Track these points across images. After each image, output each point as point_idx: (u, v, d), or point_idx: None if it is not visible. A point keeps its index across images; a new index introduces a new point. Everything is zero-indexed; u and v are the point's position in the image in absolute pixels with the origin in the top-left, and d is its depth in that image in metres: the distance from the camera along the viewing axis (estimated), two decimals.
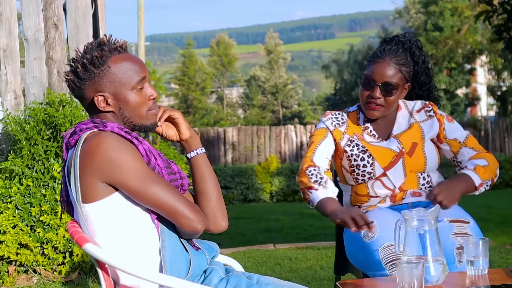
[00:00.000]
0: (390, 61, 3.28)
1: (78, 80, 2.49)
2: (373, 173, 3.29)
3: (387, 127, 3.40)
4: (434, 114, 3.39)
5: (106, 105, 2.50)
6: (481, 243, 2.71)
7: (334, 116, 3.44)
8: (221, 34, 54.03)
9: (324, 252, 6.56)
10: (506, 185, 18.16)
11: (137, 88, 2.51)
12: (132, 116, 2.53)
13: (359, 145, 3.34)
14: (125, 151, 2.38)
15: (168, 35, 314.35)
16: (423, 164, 3.31)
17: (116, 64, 2.49)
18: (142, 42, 21.71)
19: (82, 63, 2.46)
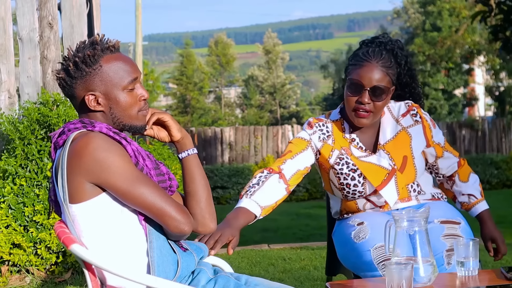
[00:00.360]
0: (377, 64, 3.11)
1: (69, 78, 2.47)
2: (365, 192, 3.21)
3: (373, 136, 3.27)
4: (421, 119, 3.26)
5: (97, 104, 2.49)
6: (471, 244, 2.70)
7: (319, 129, 3.26)
8: (219, 34, 54.03)
9: (318, 252, 6.55)
10: (502, 185, 18.17)
11: (128, 88, 2.50)
12: (122, 116, 2.52)
13: (349, 163, 3.20)
14: (113, 152, 2.37)
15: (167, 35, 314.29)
16: (414, 176, 3.25)
17: (108, 64, 2.47)
18: (139, 41, 21.69)
19: (74, 62, 2.44)
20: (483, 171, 17.91)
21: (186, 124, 42.27)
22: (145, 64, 37.80)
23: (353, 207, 3.30)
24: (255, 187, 3.07)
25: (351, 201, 3.28)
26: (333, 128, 3.27)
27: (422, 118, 3.26)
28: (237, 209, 3.00)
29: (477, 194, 3.32)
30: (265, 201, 3.05)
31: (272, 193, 3.09)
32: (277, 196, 3.11)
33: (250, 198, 3.03)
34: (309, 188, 16.54)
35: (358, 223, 3.18)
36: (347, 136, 3.25)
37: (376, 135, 3.27)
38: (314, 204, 14.53)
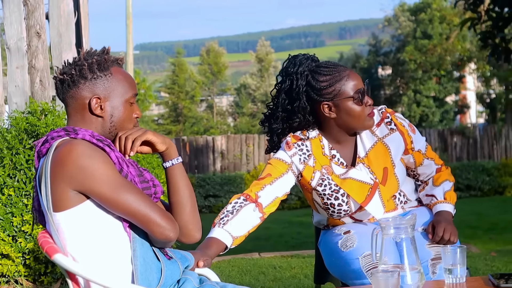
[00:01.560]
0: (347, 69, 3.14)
1: (79, 78, 2.49)
2: (350, 210, 3.16)
3: (352, 149, 3.20)
4: (396, 126, 3.17)
5: (100, 109, 2.52)
6: (459, 251, 2.68)
7: (299, 149, 3.16)
8: (211, 43, 54.02)
9: (309, 260, 6.53)
10: (494, 192, 18.20)
11: (129, 102, 2.56)
12: (119, 127, 2.55)
13: (331, 183, 3.14)
14: (97, 159, 2.36)
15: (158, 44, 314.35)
16: (397, 186, 3.19)
17: (116, 74, 2.54)
18: (130, 50, 21.65)
19: (90, 63, 2.49)
20: (475, 178, 17.94)
21: (178, 132, 42.24)
22: (136, 73, 37.80)
23: (339, 224, 3.28)
24: (228, 215, 3.03)
25: (336, 219, 3.24)
26: (312, 146, 3.18)
27: (397, 125, 3.18)
28: (209, 239, 2.98)
29: (439, 196, 3.21)
30: (237, 231, 3.02)
31: (246, 222, 3.05)
32: (250, 225, 3.07)
33: (222, 228, 3.00)
34: (301, 196, 16.52)
35: (345, 232, 3.16)
36: (327, 153, 3.18)
37: (355, 148, 3.20)
38: (306, 212, 14.50)
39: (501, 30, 9.81)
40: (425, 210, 3.25)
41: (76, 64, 2.51)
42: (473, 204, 14.74)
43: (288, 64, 3.18)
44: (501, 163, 18.75)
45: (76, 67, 2.50)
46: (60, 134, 2.47)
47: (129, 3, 20.56)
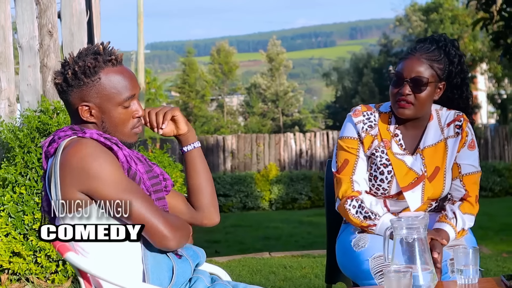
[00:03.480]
0: (420, 56, 3.08)
1: (66, 85, 2.44)
2: (389, 191, 3.14)
3: (416, 138, 3.19)
4: (462, 132, 3.15)
5: (90, 115, 2.47)
6: (471, 252, 2.67)
7: (366, 118, 3.18)
8: (221, 42, 54.07)
9: (319, 260, 6.52)
10: (506, 193, 18.14)
11: (123, 105, 2.48)
12: (113, 131, 2.50)
13: (383, 157, 3.14)
14: (103, 159, 2.35)
15: (169, 43, 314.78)
16: (441, 192, 3.16)
17: (107, 77, 2.44)
18: (141, 50, 21.70)
19: (73, 70, 2.41)
20: (486, 179, 17.88)
21: None
22: (147, 73, 37.85)
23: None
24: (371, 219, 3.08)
25: (370, 196, 3.19)
26: (380, 118, 3.20)
27: (463, 132, 3.16)
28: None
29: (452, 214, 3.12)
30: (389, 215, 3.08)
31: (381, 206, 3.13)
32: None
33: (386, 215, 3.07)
34: (311, 196, 16.52)
35: (359, 231, 3.15)
36: (391, 130, 3.18)
37: (420, 138, 3.20)
38: (316, 212, 14.50)
39: None
40: None
41: (64, 70, 2.45)
42: (484, 205, 14.63)
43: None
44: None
45: (63, 73, 2.45)
46: (67, 133, 2.46)
47: (140, 2, 20.60)
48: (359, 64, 48.78)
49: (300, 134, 20.61)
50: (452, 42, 3.17)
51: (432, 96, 3.11)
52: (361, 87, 46.24)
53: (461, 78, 3.17)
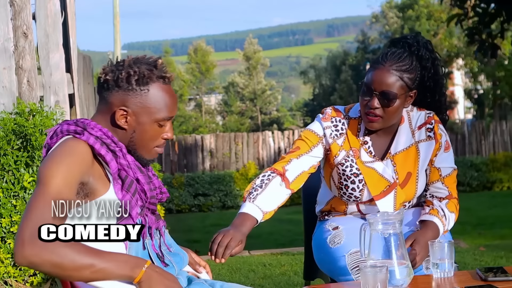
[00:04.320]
0: (390, 67, 2.96)
1: (114, 84, 2.43)
2: (360, 198, 3.14)
3: (386, 143, 3.14)
4: (435, 135, 3.10)
5: (124, 122, 2.45)
6: (446, 246, 2.70)
7: (333, 124, 3.13)
8: (198, 42, 53.95)
9: (298, 257, 6.55)
10: (483, 188, 18.29)
11: (159, 122, 2.47)
12: (138, 144, 2.48)
13: (353, 166, 3.10)
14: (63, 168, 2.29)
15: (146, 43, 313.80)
16: (413, 196, 3.16)
17: (155, 91, 2.44)
18: (118, 50, 21.62)
19: (127, 72, 2.41)
20: (464, 174, 18.00)
21: None
22: None
23: (342, 209, 3.25)
24: (258, 190, 3.01)
25: (343, 203, 3.22)
26: (349, 126, 3.15)
27: (436, 135, 3.11)
28: (241, 214, 2.95)
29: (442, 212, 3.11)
30: (267, 206, 3.00)
31: (275, 198, 3.04)
32: (278, 201, 3.06)
33: (253, 203, 2.97)
34: None
35: (334, 228, 3.17)
36: (361, 138, 3.14)
37: (390, 142, 3.15)
38: (296, 210, 14.48)
39: (488, 26, 9.86)
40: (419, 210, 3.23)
41: (117, 69, 2.44)
42: (462, 199, 14.67)
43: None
44: (489, 159, 18.85)
45: (115, 72, 2.43)
46: (70, 128, 2.42)
47: (116, 2, 20.54)
48: (337, 61, 48.90)
49: (278, 132, 20.63)
50: (426, 45, 3.09)
51: (402, 106, 3.03)
52: (339, 85, 46.35)
53: (434, 81, 3.11)
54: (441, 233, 3.06)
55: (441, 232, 3.06)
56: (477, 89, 39.63)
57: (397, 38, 3.15)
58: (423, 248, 2.90)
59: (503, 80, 32.51)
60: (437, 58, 3.10)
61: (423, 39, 3.12)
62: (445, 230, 3.09)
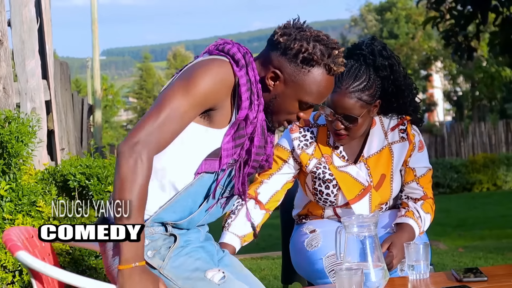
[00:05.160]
0: (347, 90, 2.92)
1: (285, 46, 2.42)
2: (336, 203, 3.14)
3: (358, 146, 3.14)
4: (408, 136, 3.10)
5: (272, 83, 2.45)
6: (422, 247, 2.71)
7: (302, 135, 3.13)
8: (177, 47, 53.97)
9: (278, 262, 6.55)
10: (462, 189, 18.38)
11: (301, 103, 2.46)
12: (273, 110, 2.49)
13: (326, 172, 3.10)
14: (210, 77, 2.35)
15: (125, 49, 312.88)
16: (388, 197, 3.16)
17: (314, 75, 2.43)
18: (97, 56, 21.55)
19: (300, 46, 2.39)
20: (443, 176, 18.10)
21: None
22: (104, 79, 37.58)
23: (318, 213, 3.26)
24: (231, 217, 3.05)
25: (319, 207, 3.23)
26: (318, 133, 3.14)
27: (409, 136, 3.11)
28: (221, 244, 3.00)
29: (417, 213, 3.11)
30: (242, 231, 3.02)
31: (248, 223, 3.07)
32: (255, 222, 3.10)
33: (228, 231, 3.02)
34: None
35: (311, 231, 3.17)
36: (331, 143, 3.13)
37: (362, 146, 3.15)
38: (277, 214, 14.49)
39: (464, 28, 9.92)
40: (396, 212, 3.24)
41: (295, 37, 2.41)
42: (442, 201, 14.87)
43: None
44: (469, 160, 18.95)
45: (291, 40, 2.41)
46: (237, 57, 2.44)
47: (94, 8, 20.47)
48: None
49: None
50: (381, 52, 3.02)
51: (367, 119, 3.02)
52: None
53: (395, 86, 3.06)
54: (417, 235, 3.07)
55: (416, 234, 3.07)
56: (456, 91, 39.88)
57: (353, 48, 3.08)
58: (400, 251, 2.91)
59: (482, 82, 32.77)
60: (394, 64, 3.04)
61: (378, 45, 3.04)
62: (421, 231, 3.10)
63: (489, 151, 21.95)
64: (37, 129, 5.41)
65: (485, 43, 24.21)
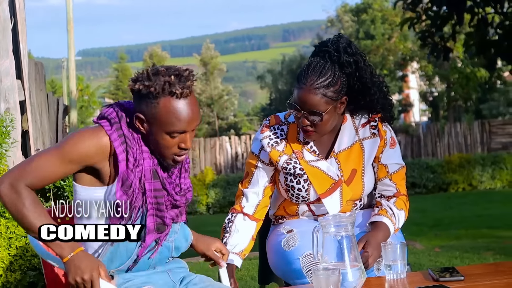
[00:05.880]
0: (311, 86, 2.94)
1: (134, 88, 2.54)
2: (308, 198, 3.14)
3: (329, 142, 3.15)
4: (379, 132, 3.12)
5: (141, 126, 2.56)
6: (399, 247, 2.71)
7: (272, 133, 3.16)
8: (153, 47, 53.82)
9: (255, 262, 6.52)
10: (439, 189, 18.48)
11: (170, 135, 2.53)
12: (156, 150, 2.59)
13: (296, 167, 3.11)
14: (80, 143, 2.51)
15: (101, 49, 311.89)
16: (361, 193, 3.15)
17: (165, 105, 2.50)
18: (72, 56, 21.38)
19: (143, 85, 2.51)
20: (420, 176, 18.19)
21: None
22: (79, 80, 37.41)
23: (293, 211, 3.25)
24: (226, 236, 3.19)
25: (293, 204, 3.23)
26: (289, 130, 3.17)
27: (380, 132, 3.13)
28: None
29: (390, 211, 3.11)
30: (239, 247, 3.16)
31: (243, 234, 3.20)
32: (249, 234, 3.22)
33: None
34: None
35: (288, 231, 3.16)
36: (301, 139, 3.16)
37: (333, 141, 3.16)
38: None
39: (440, 29, 9.98)
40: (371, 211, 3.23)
41: (139, 80, 2.54)
42: (418, 201, 14.96)
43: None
44: (445, 160, 19.05)
45: (138, 83, 2.53)
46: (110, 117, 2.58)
47: (69, 8, 20.32)
48: (293, 65, 49.06)
49: (235, 137, 20.64)
50: (346, 49, 3.03)
51: (333, 115, 3.03)
52: None
53: (361, 83, 3.06)
54: (391, 232, 3.07)
55: (391, 231, 3.07)
56: (432, 92, 40.08)
57: (319, 46, 3.10)
58: (375, 249, 2.91)
59: (457, 82, 32.96)
60: (359, 61, 3.05)
61: (344, 42, 3.06)
62: (395, 228, 3.10)
63: (465, 151, 22.11)
64: (11, 129, 5.36)
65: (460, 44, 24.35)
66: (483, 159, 18.98)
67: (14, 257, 4.97)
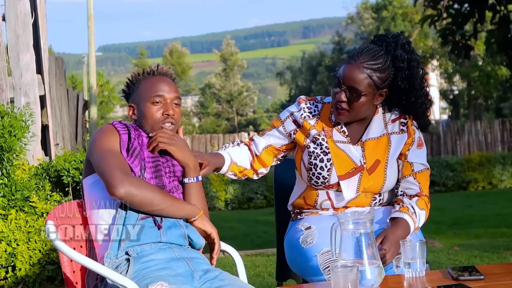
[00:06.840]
0: (361, 64, 3.01)
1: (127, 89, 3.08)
2: (328, 180, 3.14)
3: (359, 130, 3.19)
4: (408, 130, 3.16)
5: (132, 114, 3.02)
6: (418, 245, 2.69)
7: (307, 106, 3.25)
8: (173, 43, 53.91)
9: (273, 258, 6.52)
10: (458, 187, 18.36)
11: (150, 100, 2.96)
12: (143, 123, 2.97)
13: (323, 145, 3.16)
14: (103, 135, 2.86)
15: (122, 45, 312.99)
16: (381, 185, 3.15)
17: (145, 83, 3.01)
18: (92, 52, 21.44)
19: (128, 80, 3.07)
20: (439, 174, 18.08)
21: None
22: (100, 75, 37.52)
23: (313, 198, 3.23)
24: (228, 147, 3.37)
25: (313, 190, 3.22)
26: (323, 109, 3.25)
27: (409, 129, 3.16)
28: (213, 153, 3.29)
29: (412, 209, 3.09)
30: (235, 158, 3.31)
31: (242, 157, 3.35)
32: (244, 162, 3.36)
33: (224, 150, 3.32)
34: (267, 195, 16.53)
35: (306, 228, 3.15)
36: (333, 119, 3.20)
37: (363, 130, 3.20)
38: (272, 211, 14.45)
39: (461, 26, 9.90)
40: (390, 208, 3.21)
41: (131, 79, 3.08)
42: (437, 199, 14.88)
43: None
44: (464, 159, 18.92)
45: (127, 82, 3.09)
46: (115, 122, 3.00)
47: (90, 4, 20.39)
48: (313, 62, 49.01)
49: (254, 134, 20.63)
50: (403, 46, 3.09)
51: (370, 102, 3.08)
52: (315, 86, 46.46)
53: (408, 82, 3.09)
54: (411, 230, 3.05)
55: (411, 229, 3.05)
56: (452, 90, 39.90)
57: (380, 35, 3.18)
58: (393, 245, 2.89)
59: (478, 80, 32.76)
60: (413, 60, 3.10)
61: (404, 39, 3.13)
62: (415, 227, 3.08)
63: (485, 150, 21.97)
64: (30, 124, 5.37)
65: (481, 42, 24.21)
66: (504, 157, 18.84)
67: (33, 251, 4.99)
